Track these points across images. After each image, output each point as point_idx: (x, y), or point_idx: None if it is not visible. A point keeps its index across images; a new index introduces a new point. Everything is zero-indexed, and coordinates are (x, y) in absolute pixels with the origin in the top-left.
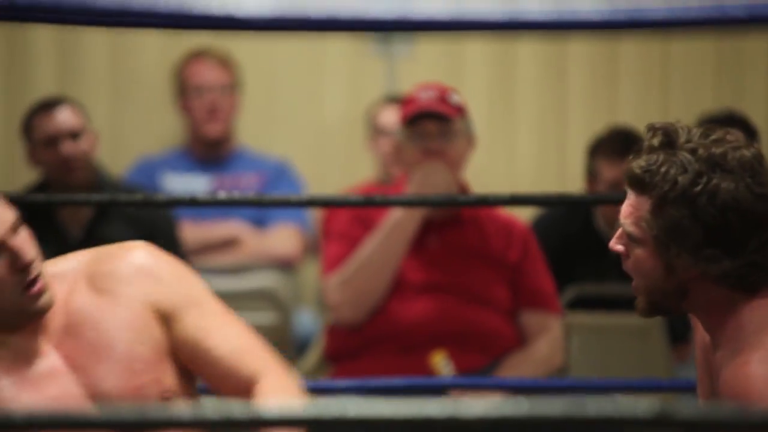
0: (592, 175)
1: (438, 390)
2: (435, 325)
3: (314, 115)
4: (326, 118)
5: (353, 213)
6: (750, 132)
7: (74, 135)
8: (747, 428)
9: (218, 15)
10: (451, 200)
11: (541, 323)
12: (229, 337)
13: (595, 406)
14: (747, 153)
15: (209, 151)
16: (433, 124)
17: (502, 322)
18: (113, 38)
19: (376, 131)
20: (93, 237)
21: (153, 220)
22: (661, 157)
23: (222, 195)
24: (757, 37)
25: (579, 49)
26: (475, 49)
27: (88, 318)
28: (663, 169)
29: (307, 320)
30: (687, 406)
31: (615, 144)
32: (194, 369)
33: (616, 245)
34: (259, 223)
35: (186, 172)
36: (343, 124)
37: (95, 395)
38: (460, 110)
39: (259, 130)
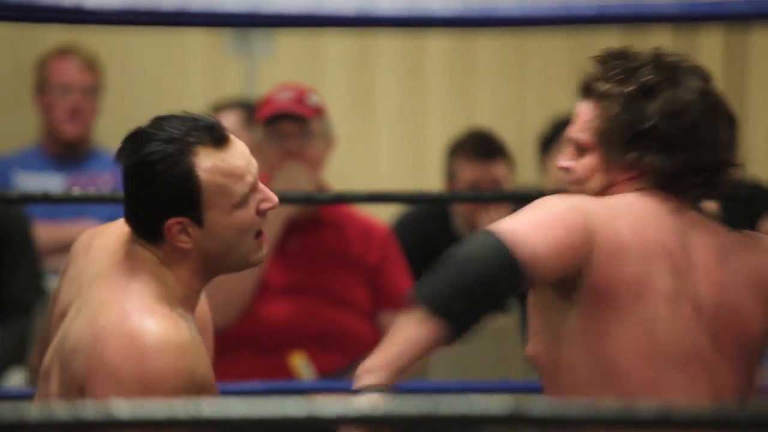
0: (451, 175)
1: (297, 393)
2: (295, 327)
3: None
4: None
5: None
6: None
7: None
8: (598, 424)
9: (66, 7)
10: (310, 198)
11: None
12: None
13: (449, 404)
14: (701, 68)
15: (65, 150)
16: (290, 125)
17: (361, 323)
18: None
19: None
20: None
21: (5, 220)
22: (614, 63)
23: (76, 191)
24: (607, 35)
25: (437, 48)
26: (335, 48)
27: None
28: (612, 73)
29: None
30: (540, 404)
31: (473, 145)
32: None
33: (562, 162)
34: None
35: (39, 171)
36: None
37: None
38: (318, 111)
39: (116, 129)
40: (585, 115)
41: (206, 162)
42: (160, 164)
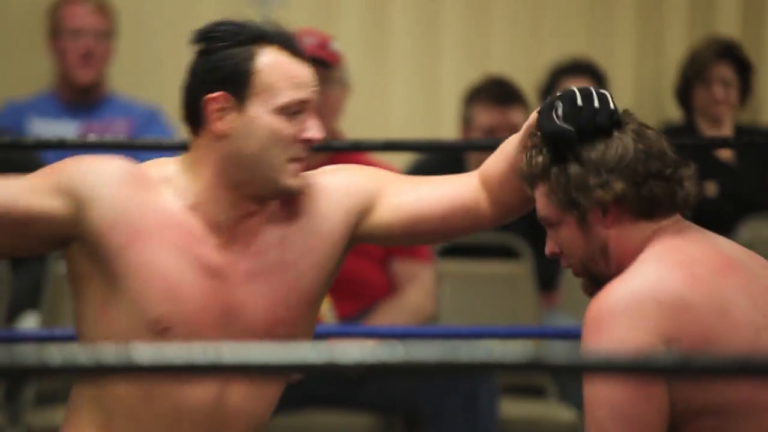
0: (467, 121)
1: (315, 337)
2: None
3: (186, 63)
4: None
5: None
6: (598, 78)
7: None
8: (618, 373)
9: None
10: (325, 146)
11: (412, 272)
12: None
13: (470, 351)
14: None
15: (79, 96)
16: (313, 69)
17: (374, 270)
18: None
19: None
20: None
21: (21, 166)
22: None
23: (92, 138)
24: None
25: None
26: None
27: (279, 237)
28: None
29: None
30: (560, 351)
31: (491, 91)
32: (417, 230)
33: (550, 250)
34: None
35: (54, 118)
36: None
37: (238, 310)
38: (339, 58)
39: (130, 76)
40: (539, 199)
41: (270, 57)
42: (226, 40)
